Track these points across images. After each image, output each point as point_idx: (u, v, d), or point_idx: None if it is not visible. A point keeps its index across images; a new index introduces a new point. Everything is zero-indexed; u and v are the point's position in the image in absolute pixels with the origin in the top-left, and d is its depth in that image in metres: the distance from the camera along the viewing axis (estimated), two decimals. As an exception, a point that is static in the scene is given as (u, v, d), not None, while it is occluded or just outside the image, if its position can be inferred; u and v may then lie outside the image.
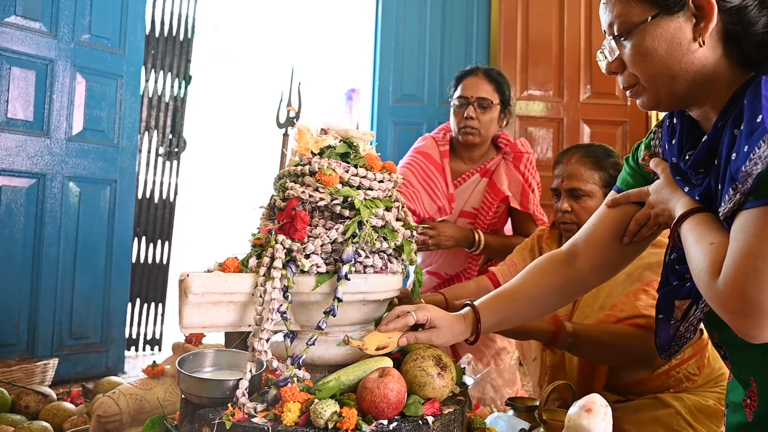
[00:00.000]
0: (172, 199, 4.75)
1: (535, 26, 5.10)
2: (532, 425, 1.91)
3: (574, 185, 2.29)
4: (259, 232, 1.63)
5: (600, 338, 2.06)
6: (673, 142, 1.46)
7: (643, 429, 2.16)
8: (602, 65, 1.47)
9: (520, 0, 5.08)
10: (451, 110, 2.96)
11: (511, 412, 2.03)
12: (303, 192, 1.58)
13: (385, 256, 1.64)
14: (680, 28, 1.32)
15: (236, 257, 1.60)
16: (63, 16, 3.86)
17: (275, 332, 1.59)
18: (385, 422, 1.38)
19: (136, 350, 4.69)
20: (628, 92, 1.45)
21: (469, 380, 1.77)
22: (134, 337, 4.67)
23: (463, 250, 2.94)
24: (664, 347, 1.53)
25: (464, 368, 1.94)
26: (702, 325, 1.53)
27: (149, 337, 4.75)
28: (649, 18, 1.33)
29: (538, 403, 1.94)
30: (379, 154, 1.75)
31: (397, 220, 1.67)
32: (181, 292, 1.47)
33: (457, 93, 2.92)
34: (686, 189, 1.40)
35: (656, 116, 5.16)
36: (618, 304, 2.13)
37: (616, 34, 1.39)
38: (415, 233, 1.71)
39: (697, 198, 1.36)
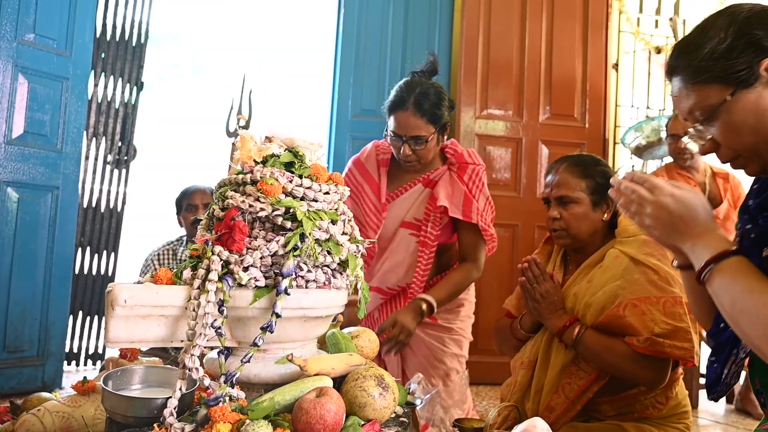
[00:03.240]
0: (119, 209, 4.63)
1: (497, 46, 5.12)
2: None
3: (562, 193, 2.35)
4: (195, 243, 1.56)
5: (599, 352, 2.17)
6: (755, 186, 1.51)
7: None
8: (694, 148, 1.50)
9: (482, 20, 5.10)
10: (388, 138, 2.83)
11: (457, 434, 1.98)
12: (243, 201, 1.51)
13: (329, 271, 1.58)
14: (761, 96, 1.35)
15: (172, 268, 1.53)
16: (5, 13, 3.71)
17: (211, 348, 1.52)
18: (321, 445, 1.31)
19: (77, 365, 4.55)
20: (730, 164, 1.47)
21: (417, 401, 1.72)
22: (75, 351, 4.52)
23: (404, 261, 2.88)
24: (712, 389, 1.54)
25: (412, 387, 1.89)
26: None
27: (91, 351, 4.60)
28: (728, 97, 1.35)
29: (484, 425, 1.91)
30: (327, 166, 1.69)
31: (343, 234, 1.61)
32: (107, 304, 1.39)
33: (391, 126, 2.77)
34: (748, 226, 1.43)
35: (613, 139, 5.26)
36: (628, 307, 2.15)
37: (700, 119, 1.43)
38: (361, 248, 1.65)
39: (753, 236, 1.39)
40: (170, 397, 1.36)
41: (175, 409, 1.35)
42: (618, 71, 5.35)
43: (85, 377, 2.02)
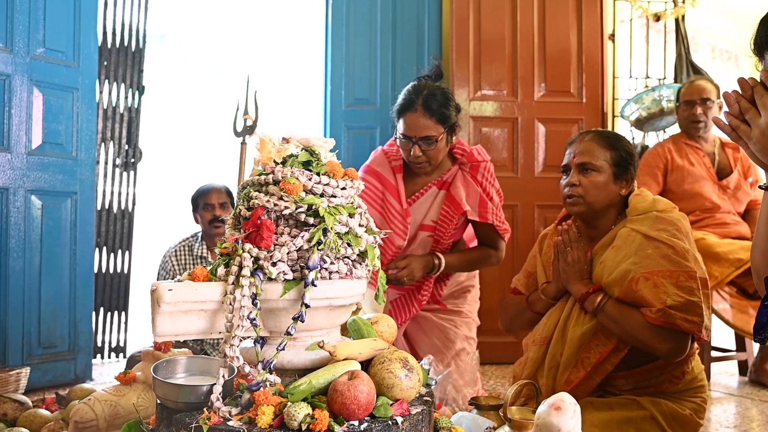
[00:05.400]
0: (130, 210, 4.75)
1: (488, 25, 4.97)
2: (496, 424, 1.94)
3: (585, 160, 2.37)
4: (226, 242, 1.66)
5: (620, 321, 2.18)
6: None
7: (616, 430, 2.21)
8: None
9: (472, -1, 5.00)
10: (397, 141, 2.87)
11: (474, 411, 2.06)
12: (268, 201, 1.61)
13: (350, 262, 1.68)
14: None
15: (204, 266, 1.64)
16: (17, 30, 3.83)
17: (245, 338, 1.64)
18: (356, 423, 1.43)
19: (102, 358, 4.70)
20: None
21: (431, 381, 1.82)
22: (99, 345, 4.68)
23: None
24: (759, 331, 1.53)
25: (427, 369, 1.99)
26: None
27: (114, 344, 4.75)
28: None
29: (501, 402, 2.01)
30: (340, 160, 1.78)
31: (360, 226, 1.70)
32: (153, 302, 1.50)
33: (400, 129, 2.80)
34: None
35: (612, 112, 5.16)
36: (640, 280, 2.18)
37: None
38: (377, 238, 1.75)
39: None
40: (215, 383, 1.48)
41: (220, 394, 1.47)
42: (614, 42, 5.15)
43: (126, 369, 2.17)
